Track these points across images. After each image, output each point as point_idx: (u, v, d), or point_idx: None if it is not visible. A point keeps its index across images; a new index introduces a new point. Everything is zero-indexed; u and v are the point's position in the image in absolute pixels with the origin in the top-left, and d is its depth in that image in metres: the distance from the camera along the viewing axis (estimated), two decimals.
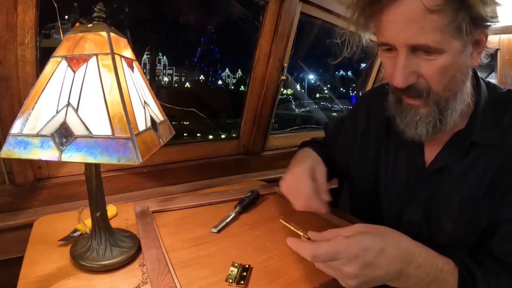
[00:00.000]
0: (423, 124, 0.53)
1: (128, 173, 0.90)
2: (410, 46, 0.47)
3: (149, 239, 0.55)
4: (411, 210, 0.63)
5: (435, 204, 0.60)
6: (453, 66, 0.48)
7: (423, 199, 0.61)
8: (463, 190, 0.56)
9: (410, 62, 0.48)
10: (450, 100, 0.52)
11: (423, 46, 0.46)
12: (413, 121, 0.53)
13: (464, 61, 0.49)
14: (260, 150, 1.25)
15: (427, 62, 0.48)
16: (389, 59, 0.52)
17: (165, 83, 1.29)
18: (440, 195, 0.59)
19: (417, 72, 0.49)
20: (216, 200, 0.77)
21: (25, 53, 0.68)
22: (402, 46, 0.47)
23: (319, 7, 1.16)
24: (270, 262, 0.53)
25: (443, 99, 0.51)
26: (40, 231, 0.62)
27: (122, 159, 0.40)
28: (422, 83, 0.50)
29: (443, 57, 0.47)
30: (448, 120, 0.53)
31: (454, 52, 0.47)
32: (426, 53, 0.47)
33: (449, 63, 0.47)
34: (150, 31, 1.08)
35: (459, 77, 0.51)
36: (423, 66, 0.48)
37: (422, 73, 0.49)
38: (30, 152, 0.40)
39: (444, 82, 0.49)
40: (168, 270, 0.48)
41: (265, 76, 1.12)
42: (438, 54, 0.46)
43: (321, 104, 2.14)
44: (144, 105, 0.51)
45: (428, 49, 0.46)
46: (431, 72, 0.48)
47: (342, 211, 0.72)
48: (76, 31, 0.46)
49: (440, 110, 0.52)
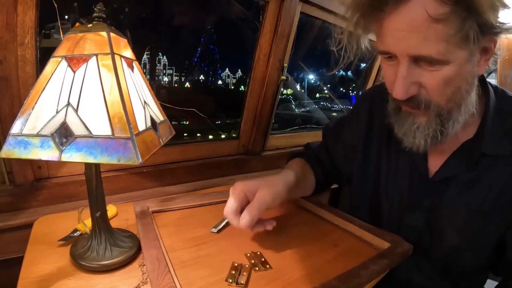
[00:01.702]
0: (421, 135, 0.50)
1: (128, 173, 0.90)
2: (412, 57, 0.44)
3: (149, 239, 0.55)
4: (412, 216, 0.61)
5: (438, 213, 0.58)
6: (458, 77, 0.45)
7: (425, 206, 0.59)
8: (470, 202, 0.54)
9: (412, 72, 0.45)
10: (453, 111, 0.49)
11: (425, 57, 0.43)
12: (411, 130, 0.51)
13: (470, 71, 0.46)
14: (260, 150, 1.25)
15: (429, 73, 0.45)
16: (389, 67, 0.49)
17: (165, 83, 1.29)
18: (444, 204, 0.57)
19: (418, 83, 0.46)
20: (216, 200, 0.77)
21: (25, 53, 0.68)
22: (404, 55, 0.44)
23: (319, 7, 1.16)
24: (270, 262, 0.53)
25: (446, 110, 0.48)
26: (40, 231, 0.62)
27: (122, 159, 0.40)
28: (423, 94, 0.47)
29: (447, 68, 0.44)
30: (450, 131, 0.50)
31: (459, 62, 0.43)
32: (429, 64, 0.44)
33: (453, 74, 0.44)
34: (150, 31, 1.08)
35: (463, 87, 0.47)
36: (425, 77, 0.45)
37: (424, 84, 0.46)
38: (30, 152, 0.40)
39: (448, 93, 0.46)
40: (168, 270, 0.47)
41: (265, 76, 1.12)
42: (442, 65, 0.43)
43: (321, 104, 2.14)
44: (144, 105, 0.51)
45: (431, 60, 0.43)
46: (434, 84, 0.45)
47: (342, 211, 0.72)
48: (76, 31, 0.46)
49: (442, 121, 0.49)
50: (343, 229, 0.66)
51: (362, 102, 0.75)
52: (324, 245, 0.60)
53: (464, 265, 0.59)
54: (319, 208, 0.73)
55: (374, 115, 0.70)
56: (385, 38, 0.45)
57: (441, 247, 0.59)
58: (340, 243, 0.61)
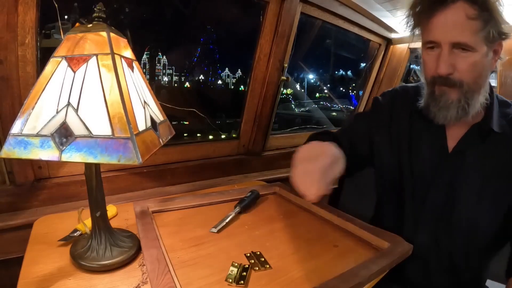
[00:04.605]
0: (454, 107, 0.62)
1: (128, 173, 0.90)
2: (452, 44, 0.58)
3: (149, 239, 0.55)
4: (435, 191, 0.68)
5: (458, 182, 0.67)
6: (481, 64, 0.60)
7: (446, 180, 0.68)
8: (484, 168, 0.65)
9: (451, 56, 0.59)
10: (476, 92, 0.62)
11: (462, 44, 0.58)
12: (446, 105, 0.63)
13: (489, 63, 0.62)
14: (260, 150, 1.25)
15: (462, 58, 0.59)
16: (431, 56, 0.62)
17: (165, 83, 1.29)
18: (463, 173, 0.67)
19: (454, 66, 0.60)
20: (216, 200, 0.77)
21: (25, 53, 0.68)
22: (446, 43, 0.59)
23: (319, 7, 1.16)
24: (270, 262, 0.53)
25: (471, 89, 0.62)
26: (40, 231, 0.62)
27: (122, 159, 0.40)
28: (457, 76, 0.61)
29: (475, 55, 0.58)
30: (472, 108, 0.63)
31: (482, 53, 0.59)
32: (462, 50, 0.58)
33: (478, 61, 0.59)
34: (150, 31, 1.08)
35: (484, 74, 0.62)
36: (459, 62, 0.59)
37: (458, 67, 0.60)
38: (30, 152, 0.40)
39: (474, 75, 0.61)
40: (168, 270, 0.47)
41: (265, 76, 1.12)
42: (472, 52, 0.58)
43: (321, 104, 2.14)
44: (144, 105, 0.51)
45: (466, 47, 0.58)
46: (465, 66, 0.59)
47: (342, 211, 0.72)
48: (76, 31, 0.46)
49: (468, 98, 0.62)
50: (343, 229, 0.66)
51: (384, 98, 0.83)
52: (324, 245, 0.60)
53: (481, 234, 0.67)
54: (319, 208, 0.73)
55: (395, 111, 0.78)
56: (434, 31, 0.60)
57: (462, 213, 0.66)
58: (340, 243, 0.61)
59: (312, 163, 0.55)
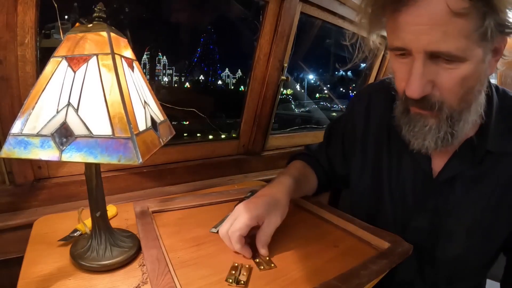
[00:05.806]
0: (432, 137, 0.48)
1: (128, 173, 0.90)
2: (429, 53, 0.42)
3: (149, 239, 0.55)
4: (417, 219, 0.60)
5: (445, 213, 0.57)
6: (473, 76, 0.44)
7: (431, 208, 0.58)
8: (477, 199, 0.54)
9: (427, 69, 0.43)
10: (464, 111, 0.47)
11: (444, 54, 0.41)
12: (422, 132, 0.49)
13: (484, 71, 0.45)
14: (260, 150, 1.25)
15: (446, 71, 0.43)
16: (402, 65, 0.46)
17: (165, 83, 1.29)
18: (451, 204, 0.56)
19: (432, 82, 0.44)
20: (216, 200, 0.77)
21: (25, 53, 0.68)
22: (420, 51, 0.42)
23: (319, 7, 1.16)
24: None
25: (457, 111, 0.47)
26: (40, 231, 0.62)
27: (122, 159, 0.40)
28: (436, 96, 0.45)
29: (464, 66, 0.42)
30: (460, 133, 0.49)
31: (476, 60, 0.42)
32: (446, 61, 0.42)
33: (470, 73, 0.43)
34: (150, 31, 1.08)
35: (476, 88, 0.46)
36: (441, 75, 0.43)
37: (439, 84, 0.44)
38: (30, 152, 0.40)
39: (461, 93, 0.45)
40: (168, 270, 0.47)
41: (265, 76, 1.12)
42: (459, 62, 0.42)
43: (321, 104, 2.14)
44: (144, 105, 0.51)
45: (450, 57, 0.41)
46: (450, 83, 0.43)
47: (341, 211, 0.72)
48: (76, 31, 0.46)
49: (453, 123, 0.47)
50: (343, 229, 0.66)
51: (359, 100, 0.73)
52: (324, 245, 0.60)
53: (469, 266, 0.59)
54: (319, 208, 0.73)
55: (372, 112, 0.68)
56: (402, 33, 0.43)
57: (449, 248, 0.57)
58: (340, 243, 0.61)
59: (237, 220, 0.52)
